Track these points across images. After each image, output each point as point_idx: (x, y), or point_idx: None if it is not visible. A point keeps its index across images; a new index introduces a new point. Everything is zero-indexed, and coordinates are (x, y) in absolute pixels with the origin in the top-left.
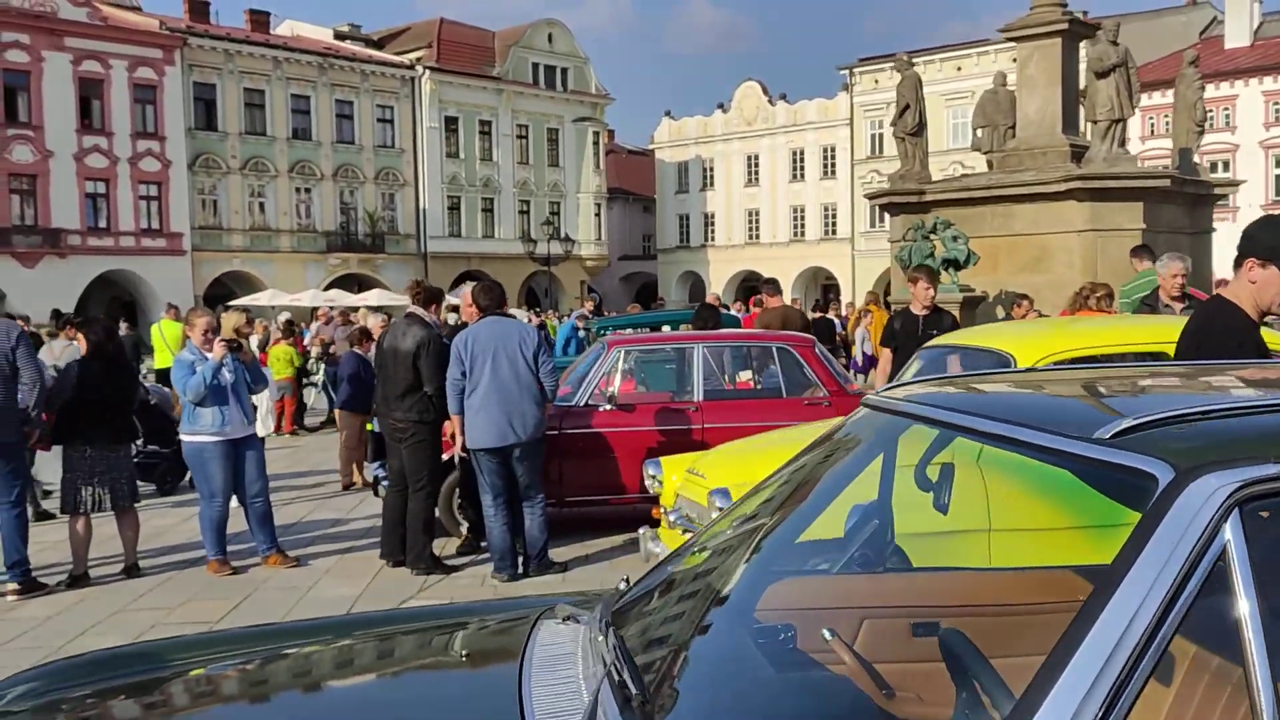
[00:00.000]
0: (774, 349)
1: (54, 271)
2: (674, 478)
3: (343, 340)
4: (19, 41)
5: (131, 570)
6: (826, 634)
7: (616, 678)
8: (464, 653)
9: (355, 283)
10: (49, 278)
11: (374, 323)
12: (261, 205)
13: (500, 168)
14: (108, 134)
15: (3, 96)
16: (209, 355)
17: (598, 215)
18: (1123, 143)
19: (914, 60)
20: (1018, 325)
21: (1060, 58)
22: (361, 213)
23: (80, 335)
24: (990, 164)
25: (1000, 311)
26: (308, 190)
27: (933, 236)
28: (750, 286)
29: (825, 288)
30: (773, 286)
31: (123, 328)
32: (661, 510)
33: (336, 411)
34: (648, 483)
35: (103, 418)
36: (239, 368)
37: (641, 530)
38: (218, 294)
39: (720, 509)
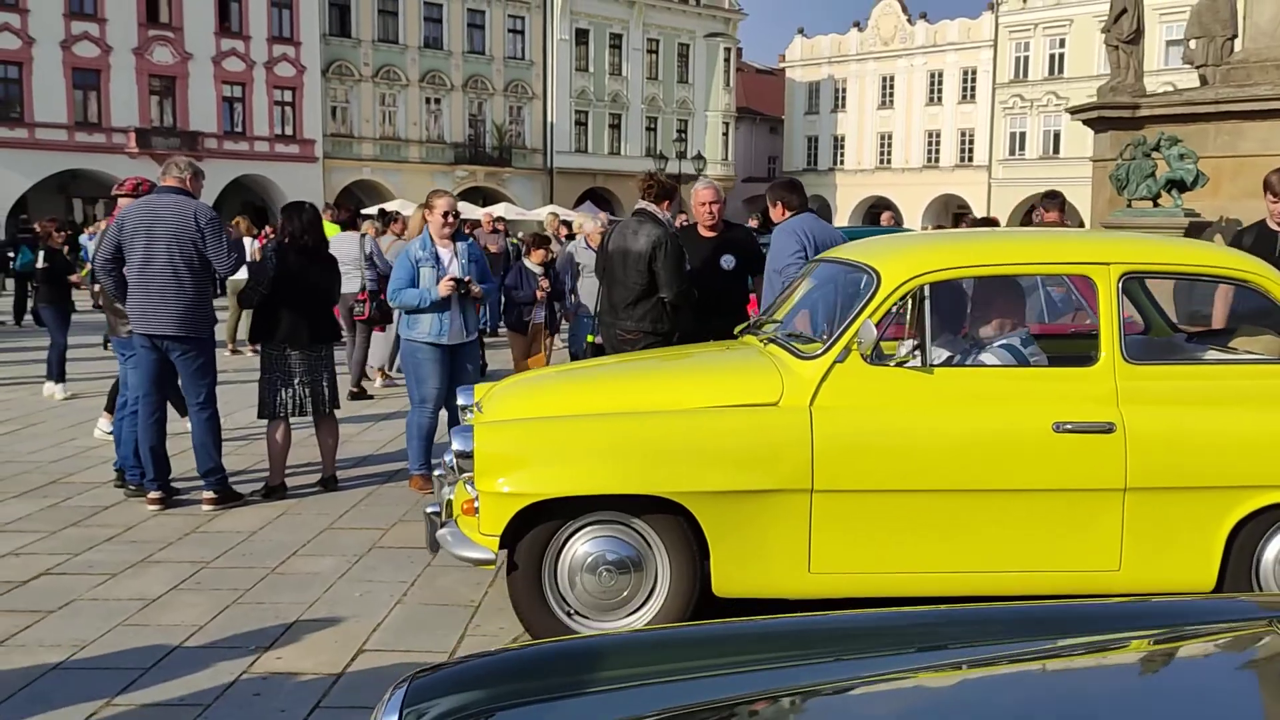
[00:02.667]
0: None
1: None
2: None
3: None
4: None
5: (329, 483)
6: None
7: None
8: None
9: (481, 196)
10: None
11: (592, 227)
12: (391, 115)
13: (629, 83)
14: (245, 38)
15: None
16: (442, 250)
17: (725, 135)
18: None
19: None
20: (892, 240)
21: None
22: (490, 125)
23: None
24: (1203, 79)
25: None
26: (437, 101)
27: (1155, 154)
28: (877, 214)
29: (956, 216)
30: (1053, 200)
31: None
32: None
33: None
34: (461, 416)
35: (303, 314)
36: (472, 268)
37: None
38: (347, 203)
39: (459, 454)
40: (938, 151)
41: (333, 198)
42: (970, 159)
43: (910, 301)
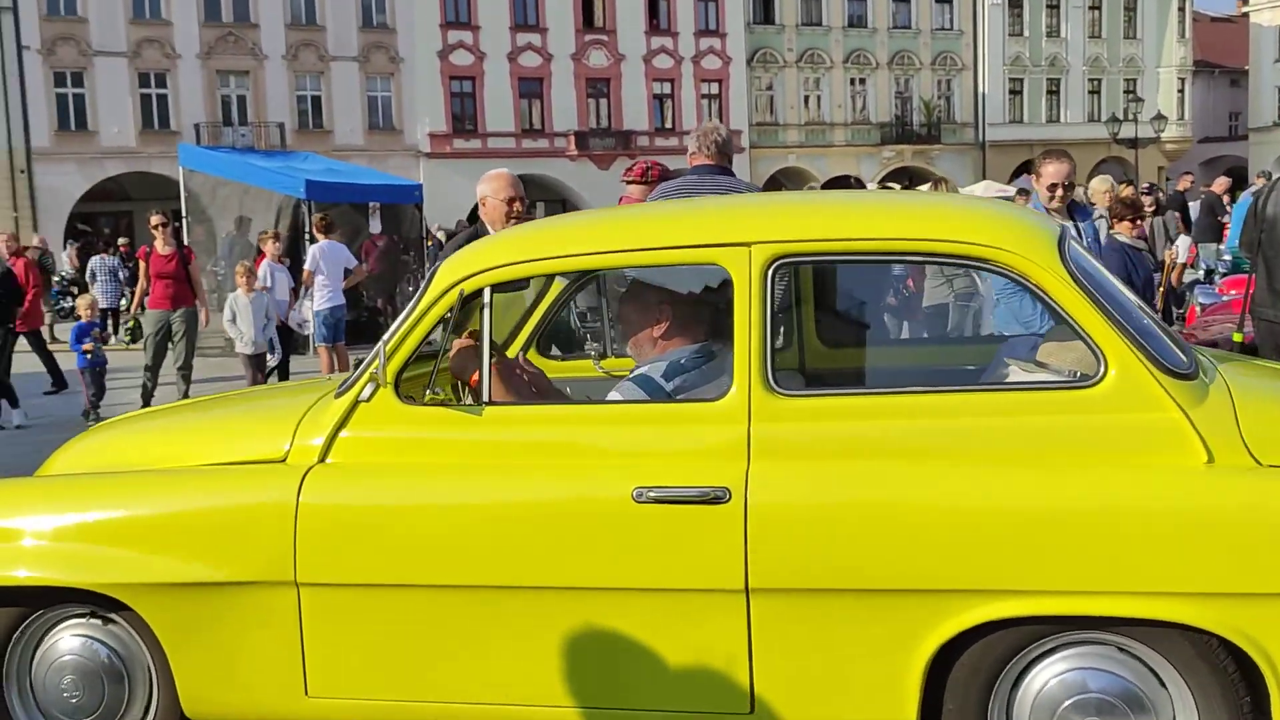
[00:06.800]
0: None
1: None
2: None
3: None
4: None
5: None
6: None
7: None
8: None
9: (908, 176)
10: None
11: (1104, 189)
12: (817, 99)
13: (1068, 44)
14: (673, 34)
15: (581, 4)
16: (1067, 223)
17: (1180, 92)
18: None
19: None
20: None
21: None
22: (917, 101)
23: None
24: None
25: None
26: (862, 81)
27: None
28: None
29: None
30: None
31: None
32: None
33: None
34: None
35: None
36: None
37: None
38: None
39: None
40: None
41: (760, 186)
42: None
43: (471, 311)
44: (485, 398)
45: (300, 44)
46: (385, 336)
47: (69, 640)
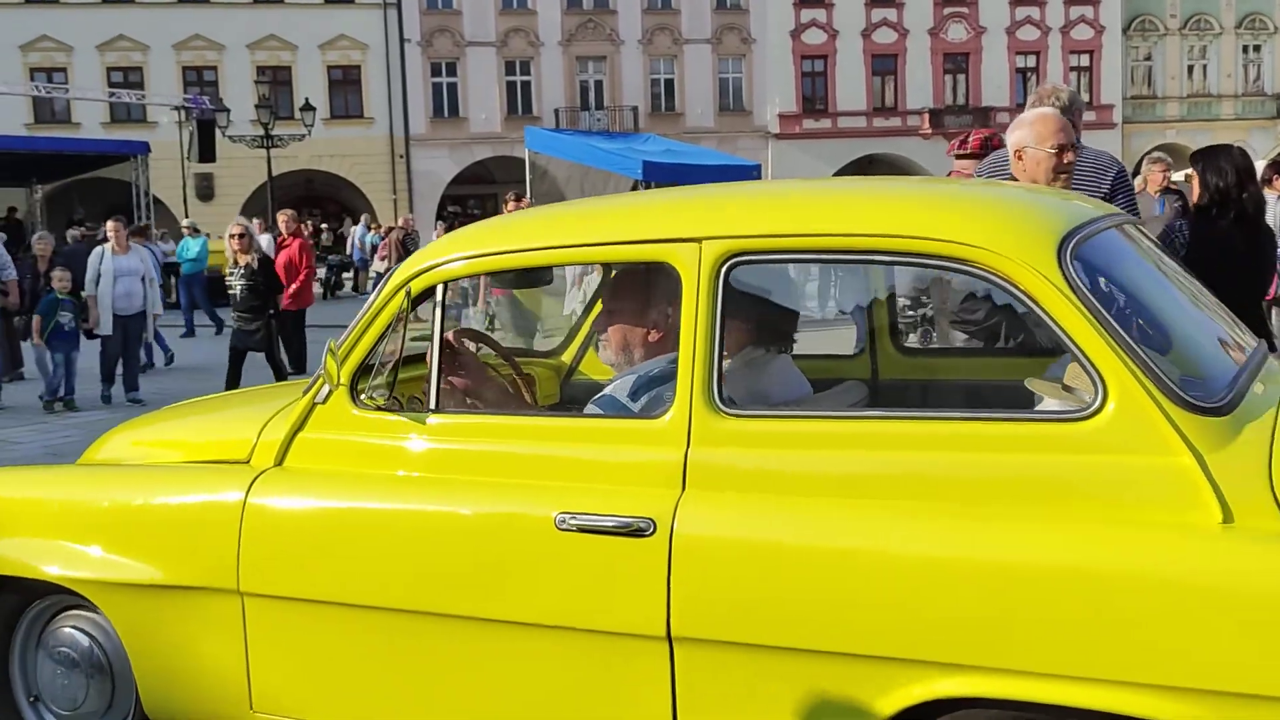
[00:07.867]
0: None
1: None
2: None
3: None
4: None
5: None
6: None
7: None
8: None
9: None
10: None
11: None
12: (1202, 68)
13: None
14: (1040, 4)
15: None
16: None
17: None
18: None
19: None
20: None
21: None
22: None
23: None
24: None
25: None
26: (1256, 48)
27: None
28: None
29: None
30: None
31: None
32: None
33: None
34: None
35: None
36: None
37: None
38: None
39: None
40: None
41: (1132, 164)
42: None
43: (432, 311)
44: (432, 404)
45: (655, 28)
46: (340, 337)
47: (64, 631)
